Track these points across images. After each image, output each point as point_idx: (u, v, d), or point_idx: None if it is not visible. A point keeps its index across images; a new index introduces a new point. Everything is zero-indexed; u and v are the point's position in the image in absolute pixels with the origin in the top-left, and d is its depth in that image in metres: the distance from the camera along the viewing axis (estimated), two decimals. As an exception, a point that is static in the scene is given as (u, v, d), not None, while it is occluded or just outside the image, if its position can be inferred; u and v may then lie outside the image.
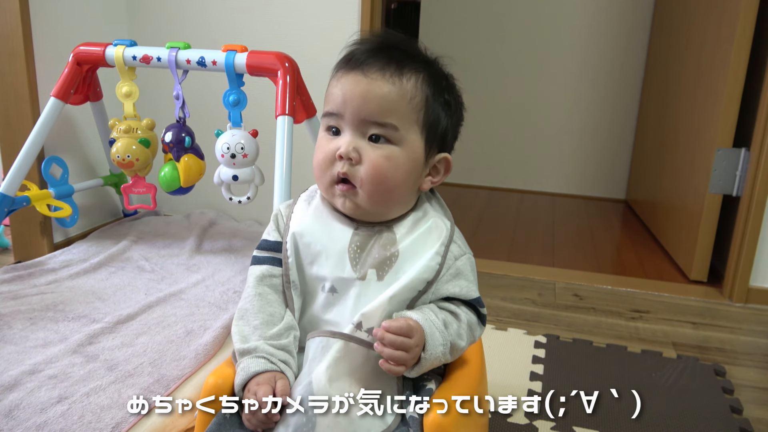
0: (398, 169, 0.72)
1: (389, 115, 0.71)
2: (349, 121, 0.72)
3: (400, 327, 0.67)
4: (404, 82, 0.71)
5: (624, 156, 2.88)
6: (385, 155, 0.71)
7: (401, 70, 0.72)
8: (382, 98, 0.70)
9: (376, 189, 0.72)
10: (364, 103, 0.70)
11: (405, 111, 0.72)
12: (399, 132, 0.72)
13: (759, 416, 1.11)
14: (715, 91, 1.74)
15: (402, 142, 0.72)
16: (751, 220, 1.63)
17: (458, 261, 0.76)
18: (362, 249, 0.74)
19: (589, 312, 1.56)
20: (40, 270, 1.58)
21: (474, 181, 3.09)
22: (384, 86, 0.71)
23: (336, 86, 0.73)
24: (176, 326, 1.30)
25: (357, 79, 0.71)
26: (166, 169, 1.56)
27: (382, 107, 0.70)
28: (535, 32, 2.89)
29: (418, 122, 0.73)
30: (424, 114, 0.73)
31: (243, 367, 0.70)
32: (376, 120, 0.71)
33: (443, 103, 0.76)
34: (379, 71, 0.71)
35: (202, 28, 1.97)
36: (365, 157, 0.71)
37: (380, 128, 0.71)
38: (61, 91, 1.56)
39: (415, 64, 0.73)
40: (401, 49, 0.74)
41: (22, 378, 1.06)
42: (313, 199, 0.80)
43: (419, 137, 0.74)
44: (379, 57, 0.72)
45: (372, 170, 0.71)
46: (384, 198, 0.73)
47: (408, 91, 0.72)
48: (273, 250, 0.79)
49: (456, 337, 0.74)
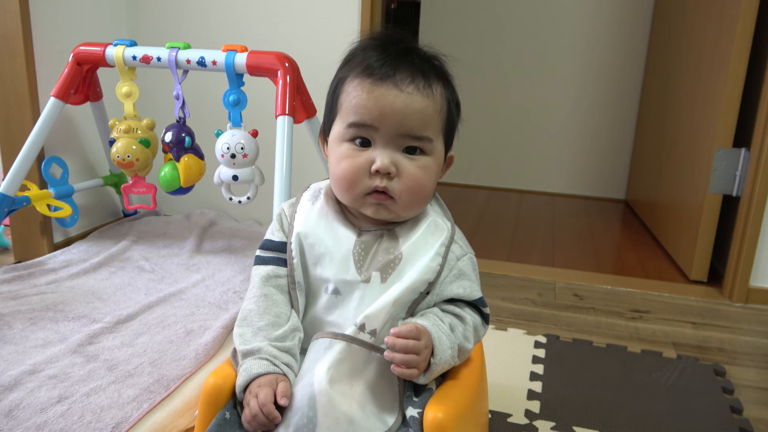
0: (431, 178, 0.74)
1: (427, 128, 0.72)
2: (386, 135, 0.71)
3: (409, 330, 0.68)
4: (435, 93, 0.72)
5: (624, 156, 2.88)
6: (421, 166, 0.72)
7: (429, 80, 0.72)
8: (420, 113, 0.71)
9: (414, 199, 0.73)
10: (405, 119, 0.70)
11: (436, 122, 0.73)
12: (432, 143, 0.73)
13: (759, 416, 1.11)
14: (715, 91, 1.74)
15: (433, 152, 0.74)
16: (751, 220, 1.63)
17: (460, 261, 0.76)
18: (366, 252, 0.74)
19: (589, 312, 1.56)
20: (40, 270, 1.58)
21: (474, 181, 3.09)
22: (421, 101, 0.71)
23: (368, 98, 0.70)
24: (176, 326, 1.30)
25: (393, 93, 0.70)
26: (166, 169, 1.56)
27: (421, 122, 0.71)
28: (535, 32, 2.89)
29: (442, 130, 0.75)
30: (446, 121, 0.75)
31: (245, 368, 0.70)
32: (414, 134, 0.71)
33: (456, 105, 0.77)
34: (412, 84, 0.70)
35: (202, 28, 1.97)
36: (402, 170, 0.71)
37: (418, 141, 0.72)
38: (61, 91, 1.57)
39: (434, 70, 0.74)
40: (418, 54, 0.74)
41: (22, 378, 1.06)
42: (317, 200, 0.80)
43: (442, 144, 0.76)
44: (404, 67, 0.71)
45: (411, 182, 0.72)
46: (417, 205, 0.75)
47: (439, 102, 0.73)
48: (277, 250, 0.78)
49: (463, 339, 0.74)
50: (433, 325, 0.71)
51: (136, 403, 1.01)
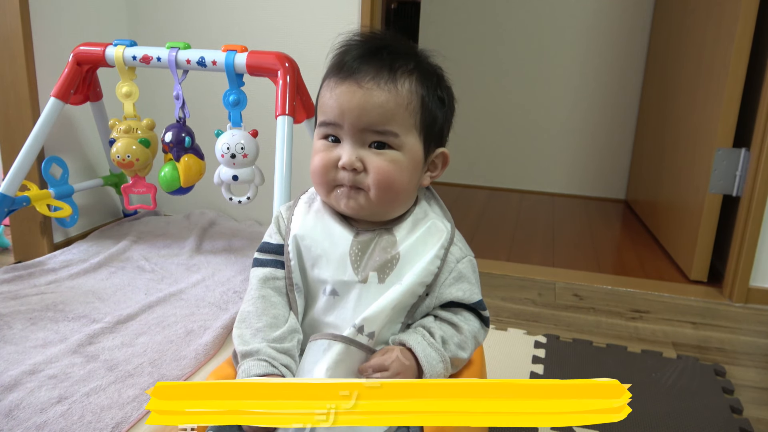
0: (403, 173, 0.72)
1: (389, 123, 0.71)
2: (349, 132, 0.71)
3: (372, 366, 0.69)
4: (399, 88, 0.71)
5: (624, 156, 2.88)
6: (389, 160, 0.71)
7: (394, 75, 0.71)
8: (380, 107, 0.70)
9: (384, 194, 0.72)
10: (363, 114, 0.70)
11: (403, 117, 0.71)
12: (399, 138, 0.72)
13: (759, 416, 1.11)
14: (715, 91, 1.74)
15: (403, 147, 0.72)
16: (751, 220, 1.63)
17: (460, 264, 0.76)
18: (363, 252, 0.74)
19: (589, 312, 1.56)
20: (40, 270, 1.58)
21: (474, 181, 3.09)
22: (381, 95, 0.70)
23: (330, 97, 0.72)
24: (176, 326, 1.30)
25: (352, 90, 0.70)
26: (166, 169, 1.56)
27: (381, 116, 0.70)
28: (535, 32, 2.89)
29: (416, 125, 0.73)
30: (420, 116, 0.73)
31: (244, 369, 0.70)
32: (376, 129, 0.71)
33: (438, 100, 0.75)
34: (373, 80, 0.70)
35: (202, 28, 1.97)
36: (369, 164, 0.71)
37: (381, 136, 0.71)
38: (61, 91, 1.57)
39: (407, 64, 0.72)
40: (390, 51, 0.73)
41: (22, 378, 1.05)
42: (314, 202, 0.80)
43: (418, 139, 0.74)
44: (370, 63, 0.71)
45: (379, 176, 0.71)
46: (391, 201, 0.74)
47: (404, 97, 0.71)
48: (275, 252, 0.79)
49: (457, 350, 0.74)
50: (421, 342, 0.71)
51: (136, 403, 1.01)
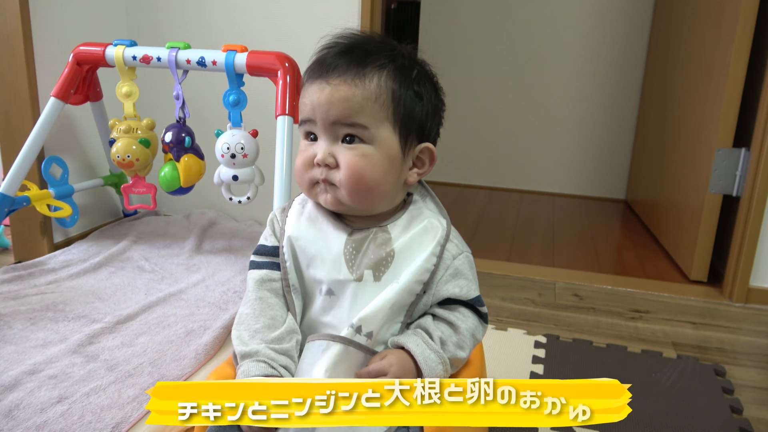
0: (374, 167, 0.72)
1: (356, 115, 0.71)
2: (321, 127, 0.73)
3: (370, 372, 0.69)
4: (366, 82, 0.72)
5: (624, 156, 2.88)
6: (359, 154, 0.72)
7: (363, 71, 0.72)
8: (345, 101, 0.71)
9: (355, 188, 0.72)
10: (330, 108, 0.71)
11: (372, 110, 0.72)
12: (369, 130, 0.72)
13: (759, 416, 1.11)
14: (715, 91, 1.74)
15: (374, 140, 0.72)
16: (751, 220, 1.63)
17: (456, 260, 0.76)
18: (357, 251, 0.74)
19: (589, 312, 1.56)
20: (40, 270, 1.58)
21: (474, 181, 3.09)
22: (347, 90, 0.71)
23: (305, 96, 0.75)
24: (176, 326, 1.30)
25: (321, 87, 0.72)
26: (166, 169, 1.56)
27: (347, 109, 0.71)
28: (535, 32, 2.89)
29: (389, 118, 0.73)
30: (393, 109, 0.73)
31: (243, 370, 0.70)
32: (344, 121, 0.71)
33: (414, 95, 0.75)
34: (340, 76, 0.72)
35: (202, 28, 1.97)
36: (341, 159, 0.72)
37: (350, 128, 0.72)
38: (61, 91, 1.57)
39: (379, 61, 0.73)
40: (363, 48, 0.74)
41: (22, 378, 1.05)
42: (307, 203, 0.81)
43: (392, 133, 0.73)
44: (340, 61, 0.72)
45: (348, 170, 0.72)
46: (365, 195, 0.73)
47: (372, 90, 0.72)
48: (270, 254, 0.79)
49: (456, 349, 0.74)
50: (420, 345, 0.71)
51: (136, 403, 1.01)
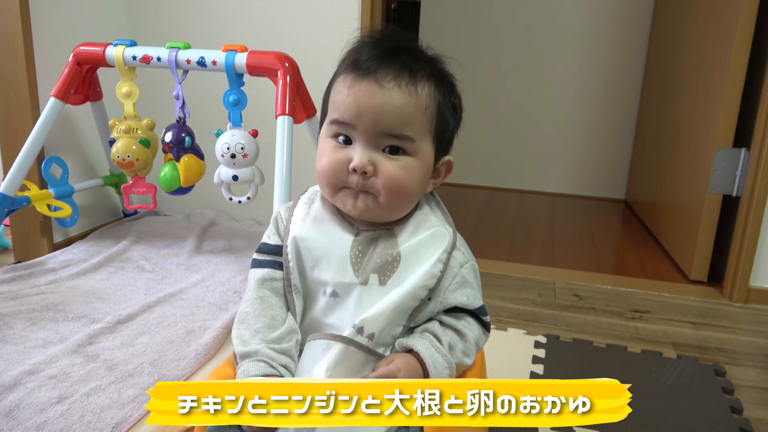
0: (414, 179, 0.71)
1: (406, 127, 0.69)
2: (364, 133, 0.69)
3: (377, 377, 0.68)
4: (419, 91, 0.69)
5: (624, 156, 2.88)
6: (402, 166, 0.70)
7: (415, 78, 0.69)
8: (399, 110, 0.68)
9: (393, 199, 0.71)
10: (381, 116, 0.68)
11: (420, 122, 0.70)
12: (415, 143, 0.70)
13: (759, 416, 1.11)
14: (715, 91, 1.74)
15: (417, 153, 0.71)
16: (751, 220, 1.63)
17: (463, 269, 0.76)
18: (363, 253, 0.74)
19: (589, 312, 1.56)
20: (40, 270, 1.58)
21: (474, 181, 3.09)
22: (401, 97, 0.68)
23: (347, 94, 0.69)
24: (176, 326, 1.30)
25: (372, 89, 0.68)
26: (166, 169, 1.56)
27: (399, 120, 0.68)
28: (535, 32, 2.89)
29: (431, 131, 0.72)
30: (436, 122, 0.72)
31: (243, 370, 0.70)
32: (393, 133, 0.69)
33: (451, 108, 0.75)
34: (394, 80, 0.68)
35: (202, 28, 1.97)
36: (381, 169, 0.70)
37: (397, 140, 0.69)
38: (61, 91, 1.56)
39: (426, 69, 0.71)
40: (410, 52, 0.71)
41: (22, 378, 1.05)
42: (313, 203, 0.80)
43: (431, 146, 0.73)
44: (391, 63, 0.69)
45: (390, 182, 0.69)
46: (399, 206, 0.73)
47: (423, 101, 0.70)
48: (273, 253, 0.78)
49: (462, 356, 0.74)
50: (429, 348, 0.71)
51: (136, 403, 1.01)
